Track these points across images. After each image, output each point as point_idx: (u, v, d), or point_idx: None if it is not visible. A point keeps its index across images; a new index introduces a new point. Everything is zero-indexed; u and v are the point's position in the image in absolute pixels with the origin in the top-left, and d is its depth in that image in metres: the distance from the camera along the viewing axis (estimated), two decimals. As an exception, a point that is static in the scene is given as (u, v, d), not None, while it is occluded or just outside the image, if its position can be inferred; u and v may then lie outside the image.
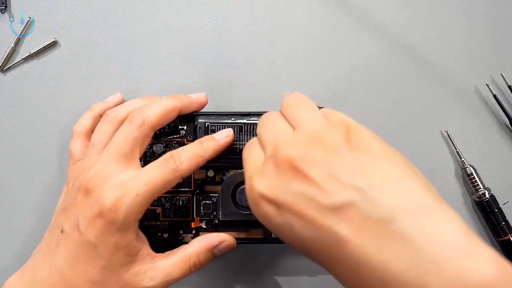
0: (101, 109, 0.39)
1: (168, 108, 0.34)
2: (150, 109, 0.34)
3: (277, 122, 0.29)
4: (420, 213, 0.24)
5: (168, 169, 0.32)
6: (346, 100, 0.42)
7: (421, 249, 0.23)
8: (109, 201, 0.30)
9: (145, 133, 0.33)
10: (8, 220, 0.41)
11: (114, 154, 0.32)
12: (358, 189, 0.24)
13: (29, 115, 0.42)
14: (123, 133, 0.33)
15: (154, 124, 0.34)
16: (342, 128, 0.27)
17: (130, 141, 0.33)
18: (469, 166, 0.41)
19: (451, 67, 0.42)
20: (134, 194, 0.31)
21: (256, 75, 0.42)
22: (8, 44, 0.42)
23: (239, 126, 0.38)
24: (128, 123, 0.33)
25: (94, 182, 0.32)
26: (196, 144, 0.34)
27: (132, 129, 0.33)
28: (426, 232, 0.23)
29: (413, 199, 0.24)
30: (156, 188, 0.32)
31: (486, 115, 0.42)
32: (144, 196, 0.31)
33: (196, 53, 0.42)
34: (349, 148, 0.26)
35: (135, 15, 0.42)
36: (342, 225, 0.24)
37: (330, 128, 0.27)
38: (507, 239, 0.40)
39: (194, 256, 0.34)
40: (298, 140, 0.27)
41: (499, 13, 0.43)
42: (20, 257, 0.41)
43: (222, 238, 0.35)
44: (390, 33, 0.43)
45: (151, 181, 0.31)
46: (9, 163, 0.41)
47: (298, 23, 0.43)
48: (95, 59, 0.42)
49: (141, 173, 0.32)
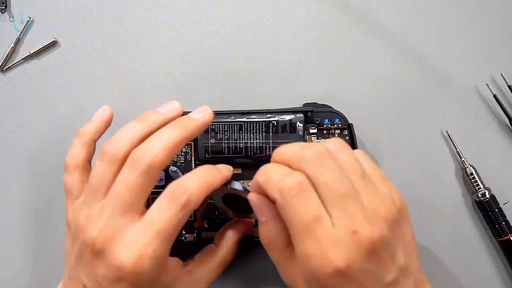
0: (91, 133, 0.34)
1: (175, 143, 0.30)
2: (155, 148, 0.29)
3: (355, 198, 0.28)
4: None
5: (177, 207, 0.28)
6: (346, 100, 0.42)
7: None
8: (128, 265, 0.28)
9: (152, 178, 0.29)
10: (8, 220, 0.41)
11: (119, 206, 0.29)
12: (401, 268, 0.29)
13: (29, 115, 0.42)
14: (127, 182, 0.29)
15: (160, 166, 0.29)
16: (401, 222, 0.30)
17: (135, 191, 0.29)
18: (469, 166, 0.40)
19: (451, 67, 0.42)
20: (151, 251, 0.28)
21: (256, 75, 0.42)
22: (8, 44, 0.42)
23: (239, 124, 0.38)
24: (131, 168, 0.29)
25: (101, 242, 0.28)
26: (203, 172, 0.31)
27: (136, 177, 0.29)
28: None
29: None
30: (170, 234, 0.28)
31: (486, 115, 0.42)
32: (162, 248, 0.28)
33: (196, 53, 0.42)
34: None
35: (135, 15, 0.42)
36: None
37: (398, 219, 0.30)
38: (507, 239, 0.40)
39: (228, 256, 0.34)
40: (378, 220, 0.28)
41: (499, 13, 0.43)
42: (20, 257, 0.41)
43: (244, 223, 0.36)
44: (390, 33, 0.43)
45: (163, 229, 0.28)
46: (9, 163, 0.41)
47: (298, 23, 0.43)
48: (95, 59, 0.42)
49: (150, 223, 0.28)
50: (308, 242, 0.27)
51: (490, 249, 0.41)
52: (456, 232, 0.41)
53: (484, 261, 0.41)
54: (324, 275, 0.27)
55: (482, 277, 0.41)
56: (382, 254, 0.28)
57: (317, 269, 0.27)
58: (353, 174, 0.29)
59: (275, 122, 0.38)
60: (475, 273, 0.41)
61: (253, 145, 0.38)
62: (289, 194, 0.27)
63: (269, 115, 0.38)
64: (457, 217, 0.41)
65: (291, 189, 0.27)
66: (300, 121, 0.38)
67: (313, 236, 0.27)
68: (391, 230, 0.28)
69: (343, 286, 0.27)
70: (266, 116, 0.38)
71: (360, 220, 0.27)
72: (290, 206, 0.27)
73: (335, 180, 0.28)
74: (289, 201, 0.27)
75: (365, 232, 0.27)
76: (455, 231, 0.41)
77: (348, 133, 0.38)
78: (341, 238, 0.27)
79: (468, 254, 0.41)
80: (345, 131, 0.38)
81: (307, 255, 0.27)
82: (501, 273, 0.41)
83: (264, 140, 0.38)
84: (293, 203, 0.27)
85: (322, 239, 0.27)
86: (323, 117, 0.38)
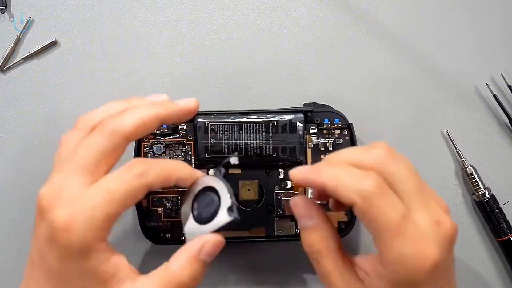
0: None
1: (149, 117, 0.29)
2: (125, 117, 0.28)
3: (428, 190, 0.29)
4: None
5: (132, 174, 0.27)
6: (346, 100, 0.42)
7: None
8: (60, 221, 0.25)
9: (114, 144, 0.28)
10: (9, 220, 0.41)
11: (74, 167, 0.27)
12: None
13: (29, 115, 0.42)
14: (88, 144, 0.28)
15: (127, 134, 0.28)
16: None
17: (95, 153, 0.28)
18: (469, 166, 0.41)
19: (451, 67, 0.42)
20: (89, 207, 0.26)
21: (256, 75, 0.42)
22: (8, 44, 0.42)
23: (239, 124, 0.38)
24: (96, 132, 0.28)
25: (47, 199, 0.27)
26: (170, 161, 0.31)
27: (99, 140, 0.28)
28: None
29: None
30: (118, 197, 0.26)
31: (486, 115, 0.42)
32: (103, 209, 0.26)
33: (196, 53, 0.42)
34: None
35: (135, 15, 0.42)
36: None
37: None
38: (507, 239, 0.40)
39: (177, 275, 0.28)
40: (448, 212, 0.29)
41: (499, 13, 0.43)
42: (20, 257, 0.40)
43: (202, 241, 0.28)
44: (390, 33, 0.43)
45: (111, 189, 0.26)
46: (9, 163, 0.41)
47: (298, 23, 0.43)
48: (95, 59, 0.42)
49: (99, 183, 0.27)
50: (403, 242, 0.26)
51: (490, 249, 0.41)
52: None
53: (484, 261, 0.41)
54: (423, 272, 0.26)
55: (482, 277, 0.41)
56: (454, 246, 0.28)
57: (416, 268, 0.26)
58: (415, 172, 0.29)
59: (275, 122, 0.38)
60: (475, 273, 0.41)
61: (253, 145, 0.38)
62: (373, 196, 0.26)
63: (269, 115, 0.38)
64: (457, 217, 0.41)
65: (373, 190, 0.26)
66: (300, 121, 0.38)
67: (406, 235, 0.26)
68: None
69: (433, 282, 0.26)
70: (266, 116, 0.38)
71: (440, 211, 0.27)
72: (375, 208, 0.26)
73: (411, 174, 0.28)
74: (374, 203, 0.26)
75: (447, 222, 0.27)
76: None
77: (348, 133, 0.38)
78: (430, 232, 0.26)
79: (468, 254, 0.41)
80: (345, 131, 0.38)
81: (403, 256, 0.26)
82: (501, 273, 0.41)
83: (264, 140, 0.38)
84: (378, 205, 0.26)
85: (415, 236, 0.26)
86: (323, 117, 0.38)
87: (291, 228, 0.38)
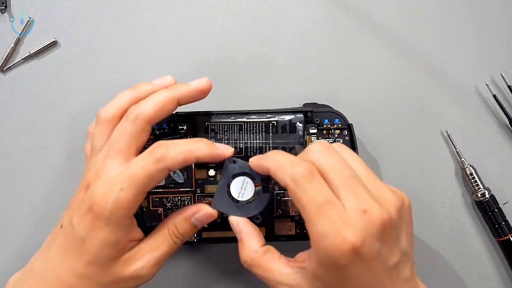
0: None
1: (165, 101, 0.33)
2: (145, 103, 0.33)
3: (361, 181, 0.30)
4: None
5: (151, 159, 0.31)
6: (346, 100, 0.42)
7: None
8: (96, 196, 0.31)
9: (140, 127, 0.32)
10: (9, 220, 0.41)
11: (110, 151, 0.32)
12: (403, 253, 0.30)
13: (29, 115, 0.42)
14: (118, 130, 0.33)
15: (149, 117, 0.33)
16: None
17: (125, 137, 0.32)
18: (469, 166, 0.41)
19: (451, 67, 0.42)
20: (118, 188, 0.31)
21: (256, 74, 0.42)
22: (8, 44, 0.42)
23: (239, 124, 0.38)
24: (123, 120, 0.33)
25: (92, 179, 0.32)
26: (191, 140, 0.33)
27: (126, 125, 0.33)
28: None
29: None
30: (139, 181, 0.31)
31: (486, 115, 0.42)
32: (128, 191, 0.31)
33: (196, 53, 0.42)
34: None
35: (135, 15, 0.42)
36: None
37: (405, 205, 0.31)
38: (507, 239, 0.40)
39: (171, 226, 0.34)
40: (385, 203, 0.29)
41: (499, 14, 0.43)
42: (20, 257, 0.41)
43: (198, 207, 0.34)
44: (390, 33, 0.43)
45: (134, 174, 0.31)
46: (9, 163, 0.41)
47: (298, 23, 0.43)
48: (95, 59, 0.42)
49: (127, 167, 0.32)
50: (323, 222, 0.28)
51: (490, 249, 0.41)
52: (456, 232, 0.41)
53: (484, 261, 0.41)
54: (340, 253, 0.27)
55: (482, 277, 0.41)
56: (389, 235, 0.29)
57: (333, 248, 0.28)
58: (357, 165, 0.31)
59: (275, 122, 0.38)
60: (475, 273, 0.41)
61: (253, 145, 0.38)
62: (302, 179, 0.29)
63: (269, 115, 0.38)
64: (457, 217, 0.41)
65: (303, 175, 0.29)
66: (300, 121, 0.38)
67: (327, 216, 0.28)
68: (397, 214, 0.30)
69: (356, 265, 0.28)
70: (266, 116, 0.38)
71: (370, 200, 0.29)
72: (302, 190, 0.29)
73: (341, 164, 0.30)
74: (302, 185, 0.29)
75: (375, 211, 0.28)
76: (455, 231, 0.41)
77: (348, 133, 0.38)
78: (353, 218, 0.28)
79: (468, 254, 0.41)
80: (345, 131, 0.38)
81: (322, 234, 0.28)
82: (501, 273, 0.41)
83: (264, 140, 0.38)
84: (305, 188, 0.29)
85: (335, 219, 0.28)
86: (323, 117, 0.38)
87: (291, 228, 0.38)
